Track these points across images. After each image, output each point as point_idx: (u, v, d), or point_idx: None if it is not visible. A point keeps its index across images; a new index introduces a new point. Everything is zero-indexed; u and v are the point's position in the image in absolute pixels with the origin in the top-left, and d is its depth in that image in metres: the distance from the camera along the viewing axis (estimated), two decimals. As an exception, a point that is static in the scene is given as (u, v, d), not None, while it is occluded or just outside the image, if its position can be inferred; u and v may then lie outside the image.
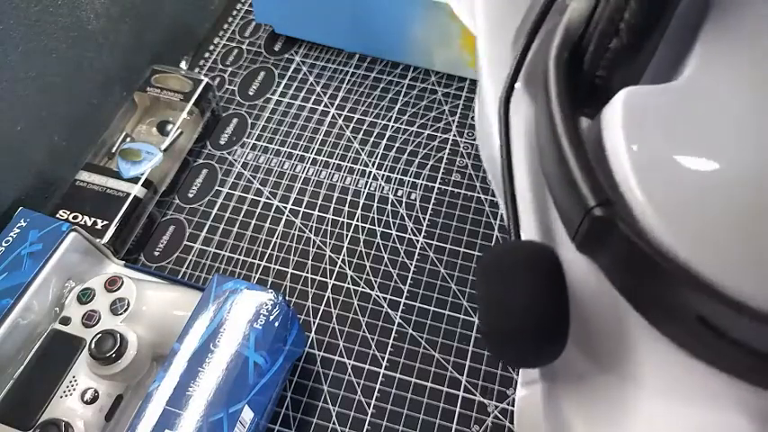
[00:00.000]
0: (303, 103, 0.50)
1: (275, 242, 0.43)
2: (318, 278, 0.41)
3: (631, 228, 0.21)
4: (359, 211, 0.44)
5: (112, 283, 0.35)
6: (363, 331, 0.39)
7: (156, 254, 0.43)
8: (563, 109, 0.24)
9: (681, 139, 0.22)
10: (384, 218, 0.44)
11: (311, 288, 0.41)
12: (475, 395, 0.37)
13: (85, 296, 0.35)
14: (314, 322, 0.40)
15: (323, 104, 0.50)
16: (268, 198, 0.45)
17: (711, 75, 0.23)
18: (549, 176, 0.25)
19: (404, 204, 0.44)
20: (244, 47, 0.54)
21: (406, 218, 0.44)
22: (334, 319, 0.40)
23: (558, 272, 0.23)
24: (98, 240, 0.39)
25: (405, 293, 0.41)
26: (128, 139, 0.45)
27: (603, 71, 0.24)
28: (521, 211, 0.27)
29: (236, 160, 0.47)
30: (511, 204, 0.26)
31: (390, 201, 0.45)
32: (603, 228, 0.21)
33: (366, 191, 0.45)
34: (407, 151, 0.47)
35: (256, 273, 0.42)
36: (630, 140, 0.22)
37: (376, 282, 0.41)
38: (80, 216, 0.41)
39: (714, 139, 0.21)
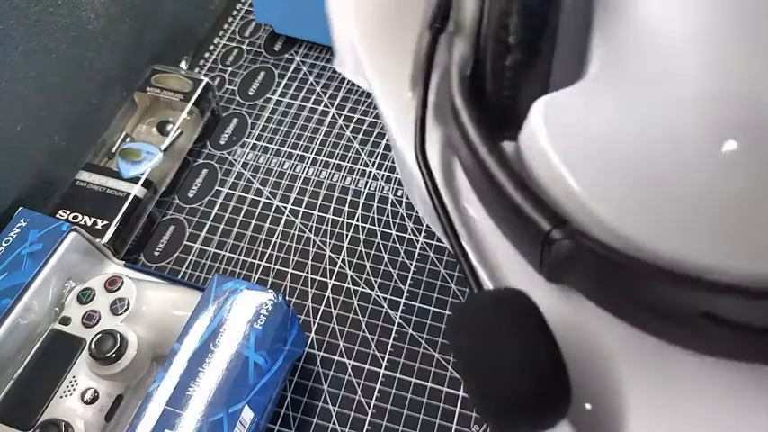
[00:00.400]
0: (303, 103, 0.50)
1: (275, 242, 0.43)
2: (318, 278, 0.41)
3: (595, 241, 0.20)
4: (359, 211, 0.44)
5: (112, 283, 0.35)
6: (363, 331, 0.39)
7: (156, 254, 0.43)
8: (485, 142, 0.23)
9: (607, 132, 0.21)
10: (384, 218, 0.44)
11: (311, 288, 0.41)
12: (475, 395, 0.37)
13: (85, 296, 0.35)
14: (314, 322, 0.40)
15: (323, 104, 0.50)
16: (268, 198, 0.45)
17: (615, 64, 0.22)
18: (493, 215, 0.24)
19: (404, 204, 0.44)
20: (244, 47, 0.54)
21: (406, 218, 0.44)
22: (334, 319, 0.40)
23: (541, 317, 0.20)
24: (98, 240, 0.39)
25: (405, 293, 0.41)
26: (128, 139, 0.45)
27: (508, 90, 0.24)
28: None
29: (236, 160, 0.47)
30: (461, 253, 0.24)
31: (390, 201, 0.45)
32: (568, 250, 0.20)
33: (366, 191, 0.45)
34: (407, 151, 0.47)
35: (256, 273, 0.42)
36: (558, 149, 0.21)
37: (376, 282, 0.41)
38: (80, 216, 0.41)
39: (637, 123, 0.21)
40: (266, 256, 0.42)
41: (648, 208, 0.20)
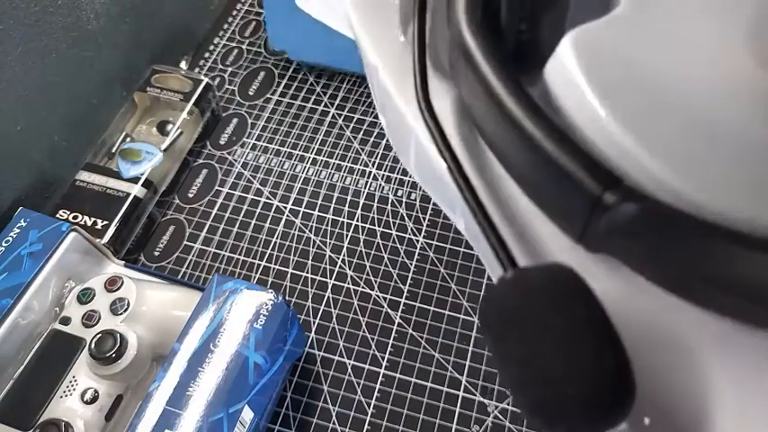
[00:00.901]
0: (303, 103, 0.50)
1: (275, 242, 0.43)
2: (318, 278, 0.41)
3: (665, 205, 0.16)
4: (359, 211, 0.44)
5: (112, 283, 0.35)
6: (363, 331, 0.39)
7: (156, 254, 0.43)
8: (507, 85, 0.19)
9: (651, 68, 0.18)
10: (384, 218, 0.44)
11: (311, 288, 0.41)
12: (475, 395, 0.37)
13: (85, 296, 0.35)
14: (314, 322, 0.40)
15: (323, 104, 0.50)
16: (268, 198, 0.45)
17: None
18: (517, 175, 0.20)
19: (404, 204, 0.44)
20: (244, 47, 0.54)
21: (406, 218, 0.44)
22: (334, 319, 0.40)
23: (596, 302, 0.17)
24: (98, 240, 0.39)
25: (405, 293, 0.41)
26: (128, 139, 0.45)
27: (526, 24, 0.21)
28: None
29: (236, 160, 0.47)
30: (486, 222, 0.19)
31: (390, 201, 0.45)
32: (628, 217, 0.16)
33: (366, 191, 0.45)
34: (407, 151, 0.47)
35: (256, 273, 0.42)
36: (595, 83, 0.18)
37: (376, 282, 0.41)
38: (80, 216, 0.41)
39: (683, 58, 0.18)
40: (266, 256, 0.42)
41: (709, 158, 0.17)
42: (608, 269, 0.19)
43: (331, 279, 0.41)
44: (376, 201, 0.45)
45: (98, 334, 0.33)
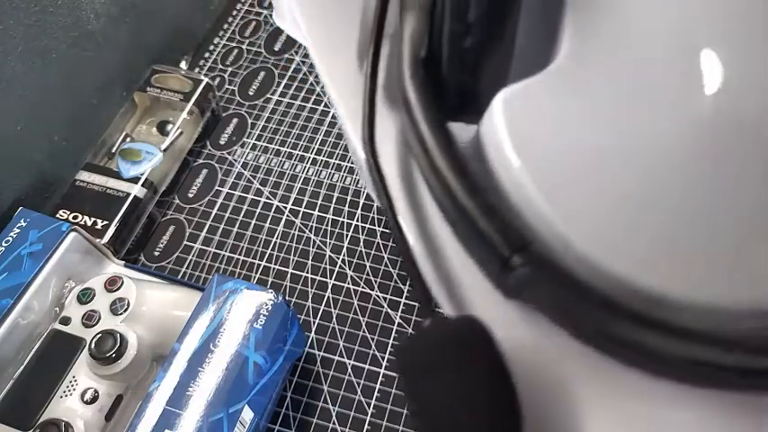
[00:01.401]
0: (303, 103, 0.50)
1: (275, 242, 0.43)
2: (318, 278, 0.41)
3: (559, 272, 0.17)
4: (359, 211, 0.44)
5: (112, 283, 0.35)
6: (363, 331, 0.39)
7: (156, 254, 0.43)
8: (439, 141, 0.19)
9: (576, 135, 0.18)
10: (384, 218, 0.44)
11: (311, 288, 0.41)
12: (475, 395, 0.37)
13: (85, 296, 0.35)
14: (314, 322, 0.40)
15: (323, 104, 0.50)
16: (268, 198, 0.45)
17: (585, 50, 0.20)
18: (450, 223, 0.21)
19: (404, 204, 0.44)
20: (244, 47, 0.54)
21: (406, 218, 0.44)
22: (334, 319, 0.40)
23: (496, 353, 0.18)
24: (98, 240, 0.39)
25: (405, 293, 0.41)
26: (128, 139, 0.45)
27: (467, 75, 0.21)
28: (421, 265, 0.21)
29: (236, 160, 0.47)
30: (412, 270, 0.20)
31: (390, 201, 0.45)
32: (528, 278, 0.18)
33: (366, 191, 0.45)
34: (407, 151, 0.47)
35: (256, 273, 0.42)
36: (521, 151, 0.18)
37: (376, 282, 0.41)
38: (80, 216, 0.41)
39: (609, 127, 0.18)
40: (266, 256, 0.42)
41: (623, 233, 0.18)
42: (523, 312, 0.20)
43: (331, 279, 0.41)
44: (376, 201, 0.45)
45: (98, 334, 0.33)
